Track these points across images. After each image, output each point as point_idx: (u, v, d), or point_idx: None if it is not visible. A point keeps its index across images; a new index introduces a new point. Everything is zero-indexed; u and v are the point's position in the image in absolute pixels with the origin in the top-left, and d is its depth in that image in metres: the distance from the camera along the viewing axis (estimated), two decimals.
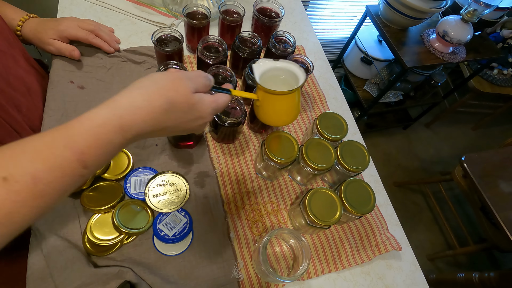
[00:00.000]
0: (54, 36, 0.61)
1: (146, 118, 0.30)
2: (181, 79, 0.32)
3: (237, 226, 0.57)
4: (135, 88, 0.30)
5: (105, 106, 0.29)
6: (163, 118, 0.31)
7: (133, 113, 0.29)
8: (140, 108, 0.29)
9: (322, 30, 1.80)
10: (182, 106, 0.32)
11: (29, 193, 0.25)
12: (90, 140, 0.27)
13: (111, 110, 0.29)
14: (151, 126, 0.31)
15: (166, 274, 0.49)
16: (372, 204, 0.54)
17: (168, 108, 0.31)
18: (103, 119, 0.28)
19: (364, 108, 1.62)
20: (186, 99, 0.32)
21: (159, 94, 0.30)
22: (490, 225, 1.27)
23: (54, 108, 0.59)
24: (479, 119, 2.16)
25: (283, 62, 0.45)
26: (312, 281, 0.56)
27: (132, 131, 0.29)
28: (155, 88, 0.31)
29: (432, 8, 1.12)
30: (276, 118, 0.45)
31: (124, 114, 0.29)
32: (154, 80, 0.31)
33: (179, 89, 0.32)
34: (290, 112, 0.45)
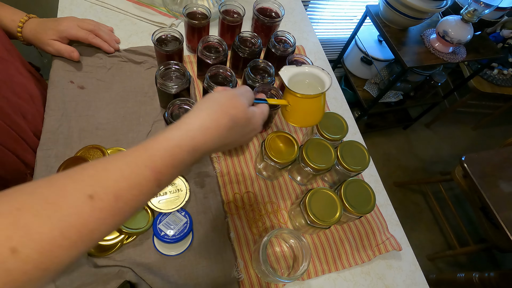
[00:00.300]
0: (54, 37, 0.61)
1: (214, 137, 0.32)
2: (237, 96, 0.35)
3: (237, 226, 0.57)
4: (201, 110, 0.33)
5: (178, 128, 0.31)
6: (227, 134, 0.33)
7: (204, 133, 0.31)
8: (209, 128, 0.32)
9: (322, 30, 1.80)
10: (242, 122, 0.35)
11: (110, 210, 0.26)
12: (168, 160, 0.29)
13: (185, 132, 0.31)
14: (217, 144, 0.33)
15: (166, 274, 0.49)
16: (372, 204, 0.54)
17: (232, 125, 0.33)
18: (179, 140, 0.30)
19: (364, 108, 1.62)
20: (245, 114, 0.35)
21: (223, 113, 0.33)
22: (490, 225, 1.27)
23: (54, 108, 0.59)
24: (479, 119, 2.16)
25: (309, 67, 0.49)
26: (312, 281, 0.56)
27: (202, 150, 0.32)
28: (218, 107, 0.33)
29: (432, 8, 1.12)
30: (306, 119, 0.49)
31: (196, 135, 0.31)
32: (215, 100, 0.34)
33: (238, 106, 0.34)
34: (319, 112, 0.48)
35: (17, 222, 0.22)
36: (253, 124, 0.37)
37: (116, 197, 0.26)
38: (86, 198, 0.25)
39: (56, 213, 0.23)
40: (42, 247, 0.22)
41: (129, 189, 0.27)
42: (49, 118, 0.58)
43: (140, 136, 0.60)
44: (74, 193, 0.25)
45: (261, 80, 0.61)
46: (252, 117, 0.36)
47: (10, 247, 0.21)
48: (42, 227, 0.23)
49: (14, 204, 0.23)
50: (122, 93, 0.64)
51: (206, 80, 0.59)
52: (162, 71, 0.57)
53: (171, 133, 0.31)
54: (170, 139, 0.30)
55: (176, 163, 0.30)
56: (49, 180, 0.25)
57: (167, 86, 0.56)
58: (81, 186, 0.25)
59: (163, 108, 0.64)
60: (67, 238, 0.23)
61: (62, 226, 0.23)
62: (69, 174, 0.26)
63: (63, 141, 0.56)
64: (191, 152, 0.31)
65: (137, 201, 0.28)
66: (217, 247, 0.53)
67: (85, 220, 0.24)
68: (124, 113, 0.62)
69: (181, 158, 0.30)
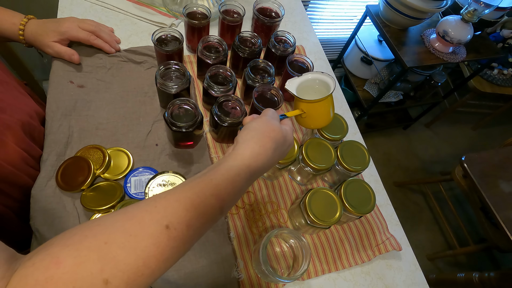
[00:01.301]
0: (55, 38, 0.60)
1: (264, 161, 0.36)
2: (271, 121, 0.40)
3: (237, 226, 0.57)
4: (248, 140, 0.37)
5: (234, 159, 0.35)
6: (273, 155, 0.38)
7: (256, 160, 0.36)
8: (259, 154, 0.36)
9: (322, 30, 1.80)
10: (281, 141, 0.39)
11: (182, 239, 0.28)
12: (230, 188, 0.32)
13: (241, 161, 0.35)
14: (267, 165, 0.37)
15: (166, 274, 0.49)
16: (372, 204, 0.54)
17: (275, 146, 0.38)
18: (238, 170, 0.34)
19: (364, 108, 1.62)
20: (281, 134, 0.39)
21: (267, 138, 0.37)
22: (490, 225, 1.27)
23: (54, 109, 0.59)
24: (479, 119, 2.16)
25: (311, 73, 0.53)
26: (312, 281, 0.56)
27: (256, 175, 0.36)
28: (261, 134, 0.38)
29: (432, 8, 1.12)
30: (323, 120, 0.52)
31: (251, 163, 0.35)
32: (255, 129, 0.38)
33: (275, 129, 0.39)
34: (332, 111, 0.52)
35: (106, 255, 0.24)
36: (289, 140, 0.42)
37: (188, 226, 0.28)
38: (163, 229, 0.27)
39: (138, 244, 0.25)
40: (129, 278, 0.24)
41: (198, 218, 0.29)
42: (49, 118, 0.58)
43: (140, 136, 0.60)
44: (151, 224, 0.27)
45: (261, 80, 0.61)
46: (287, 135, 0.41)
47: (103, 279, 0.23)
48: (128, 258, 0.25)
49: (101, 238, 0.25)
50: (122, 93, 0.64)
51: (206, 80, 0.59)
52: (162, 71, 0.57)
53: (229, 163, 0.34)
54: (230, 169, 0.34)
55: (236, 190, 0.33)
56: (125, 213, 0.28)
57: (167, 86, 0.56)
58: (158, 217, 0.27)
59: (163, 108, 0.64)
60: (148, 267, 0.25)
61: (144, 256, 0.25)
62: (144, 206, 0.28)
63: (63, 141, 0.56)
64: (248, 179, 0.34)
65: (203, 228, 0.30)
66: (217, 247, 0.53)
67: (163, 250, 0.26)
68: (124, 113, 0.62)
69: (240, 185, 0.33)
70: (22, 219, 0.52)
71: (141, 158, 0.58)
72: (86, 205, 0.50)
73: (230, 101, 0.58)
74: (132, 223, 0.27)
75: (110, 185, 0.54)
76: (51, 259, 0.23)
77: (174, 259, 0.28)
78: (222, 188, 0.32)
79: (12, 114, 0.51)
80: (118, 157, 0.57)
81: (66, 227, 0.50)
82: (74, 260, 0.23)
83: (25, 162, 0.52)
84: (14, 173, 0.49)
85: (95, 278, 0.23)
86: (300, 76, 0.52)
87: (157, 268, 0.26)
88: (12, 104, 0.52)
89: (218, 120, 0.56)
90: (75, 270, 0.23)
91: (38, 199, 0.50)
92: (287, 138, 0.41)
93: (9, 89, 0.54)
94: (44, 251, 0.24)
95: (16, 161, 0.50)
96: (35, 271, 0.23)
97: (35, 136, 0.56)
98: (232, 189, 0.33)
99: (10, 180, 0.49)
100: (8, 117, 0.49)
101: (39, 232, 0.48)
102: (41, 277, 0.22)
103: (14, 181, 0.50)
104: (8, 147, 0.48)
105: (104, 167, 0.54)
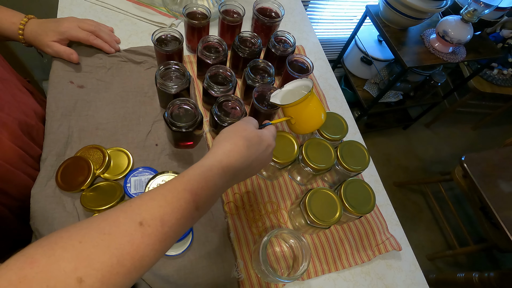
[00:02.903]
0: (54, 38, 0.60)
1: (237, 157, 0.37)
2: (243, 123, 0.42)
3: (237, 226, 0.57)
4: (221, 141, 0.39)
5: (207, 157, 0.36)
6: (247, 153, 0.38)
7: (228, 156, 0.37)
8: (231, 150, 0.37)
9: (322, 30, 1.80)
10: (255, 140, 0.40)
11: (158, 235, 0.28)
12: (202, 182, 0.33)
13: (213, 157, 0.36)
14: (242, 163, 0.38)
15: (166, 274, 0.49)
16: (372, 204, 0.54)
17: (248, 144, 0.39)
18: (209, 165, 0.35)
19: (364, 108, 1.62)
20: (255, 133, 0.41)
21: (238, 136, 0.39)
22: (490, 225, 1.27)
23: (54, 109, 0.59)
24: (479, 119, 2.16)
25: (289, 84, 0.53)
26: (312, 281, 0.56)
27: (230, 171, 0.36)
28: (233, 134, 0.39)
29: (432, 8, 1.12)
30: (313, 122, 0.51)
31: (222, 158, 0.36)
32: (228, 130, 0.40)
33: (247, 128, 0.41)
34: (321, 111, 0.51)
35: (80, 254, 0.24)
36: (266, 140, 0.42)
37: (162, 222, 0.28)
38: (136, 226, 0.27)
39: (112, 242, 0.26)
40: (103, 276, 0.24)
41: (172, 213, 0.29)
42: (49, 118, 0.58)
43: (140, 136, 0.60)
44: (125, 222, 0.27)
45: (261, 80, 0.61)
46: (262, 135, 0.42)
47: (76, 278, 0.23)
48: (102, 256, 0.25)
49: (76, 238, 0.25)
50: (122, 93, 0.64)
51: (206, 80, 0.59)
52: (162, 71, 0.57)
53: (202, 161, 0.36)
54: (202, 165, 0.35)
55: (209, 184, 0.33)
56: (102, 214, 0.28)
57: (167, 86, 0.56)
58: (131, 215, 0.28)
59: (163, 108, 0.64)
60: (123, 265, 0.25)
61: (118, 254, 0.25)
62: (120, 207, 0.29)
63: (63, 141, 0.56)
64: (221, 174, 0.35)
65: (179, 224, 0.30)
66: (217, 247, 0.53)
67: (137, 247, 0.27)
68: (124, 113, 0.62)
69: (213, 180, 0.34)
70: (21, 218, 0.52)
71: (141, 158, 0.58)
72: (86, 205, 0.50)
73: (230, 101, 0.58)
74: (107, 222, 0.27)
75: (110, 185, 0.54)
76: (25, 259, 0.23)
77: (150, 257, 0.28)
78: (194, 182, 0.32)
79: (9, 112, 0.50)
80: (118, 157, 0.57)
81: None
82: (48, 259, 0.23)
83: (22, 160, 0.52)
84: (11, 171, 0.49)
85: (68, 277, 0.23)
86: (282, 88, 0.54)
87: (133, 267, 0.26)
88: (9, 102, 0.52)
89: (218, 120, 0.56)
90: (48, 269, 0.23)
91: (38, 199, 0.50)
92: (263, 138, 0.42)
93: (9, 86, 0.53)
94: (20, 254, 0.24)
95: (13, 159, 0.49)
96: (8, 272, 0.23)
97: (33, 135, 0.56)
98: (205, 184, 0.33)
99: (7, 178, 0.49)
100: (5, 115, 0.49)
101: (39, 232, 0.48)
102: (14, 277, 0.22)
103: (11, 179, 0.50)
104: (3, 145, 0.48)
105: (104, 167, 0.54)
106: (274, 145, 0.44)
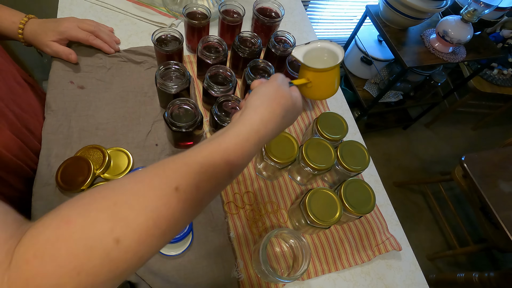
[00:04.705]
0: (54, 38, 0.60)
1: (274, 127, 0.36)
2: (280, 86, 0.39)
3: (237, 226, 0.57)
4: (257, 106, 0.36)
5: (243, 124, 0.34)
6: (282, 121, 0.37)
7: (265, 126, 0.35)
8: (269, 120, 0.36)
9: (322, 30, 1.80)
10: (291, 108, 0.39)
11: (192, 201, 0.28)
12: (239, 152, 0.32)
13: (250, 127, 0.34)
14: (276, 132, 0.37)
15: (166, 274, 0.49)
16: (372, 204, 0.54)
17: (284, 113, 0.37)
18: (247, 135, 0.33)
19: (364, 108, 1.62)
20: (291, 101, 0.39)
21: (277, 104, 0.37)
22: (490, 225, 1.27)
23: (54, 109, 0.59)
24: (479, 119, 2.16)
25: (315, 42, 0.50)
26: (312, 281, 0.56)
27: (264, 140, 0.35)
28: (271, 100, 0.37)
29: (432, 8, 1.12)
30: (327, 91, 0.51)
31: (260, 128, 0.35)
32: (265, 94, 0.38)
33: (285, 95, 0.38)
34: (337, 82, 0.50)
35: (116, 215, 0.24)
36: (298, 107, 0.41)
37: (197, 189, 0.28)
38: (172, 190, 0.27)
39: (148, 205, 0.26)
40: (139, 237, 0.24)
41: (208, 180, 0.29)
42: (49, 118, 0.58)
43: (140, 136, 0.60)
44: (161, 186, 0.27)
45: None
46: (296, 101, 0.41)
47: (114, 238, 0.23)
48: (139, 218, 0.25)
49: (110, 199, 0.25)
50: (122, 93, 0.64)
51: (206, 80, 0.59)
52: (162, 71, 0.57)
53: (239, 129, 0.34)
54: (240, 134, 0.33)
55: (245, 154, 0.33)
56: (133, 177, 0.28)
57: (167, 86, 0.56)
58: (166, 180, 0.27)
59: (163, 108, 0.64)
60: (158, 227, 0.26)
61: (155, 216, 0.25)
62: (152, 170, 0.28)
63: (63, 141, 0.56)
64: (257, 144, 0.34)
65: (213, 191, 0.31)
66: (217, 247, 0.53)
67: (173, 211, 0.27)
68: (124, 113, 0.62)
69: (249, 150, 0.33)
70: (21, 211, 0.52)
71: (141, 158, 0.58)
72: None
73: (230, 101, 0.58)
74: (141, 185, 0.27)
75: None
76: (61, 218, 0.24)
77: (183, 221, 0.28)
78: (231, 152, 0.32)
79: (7, 103, 0.50)
80: (118, 157, 0.57)
81: None
82: (84, 220, 0.24)
83: (23, 151, 0.51)
84: (12, 161, 0.49)
85: (106, 237, 0.23)
86: (308, 44, 0.50)
87: (168, 230, 0.26)
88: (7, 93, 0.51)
89: (218, 120, 0.56)
90: (85, 230, 0.23)
91: (38, 199, 0.50)
92: (297, 105, 0.41)
93: (7, 78, 0.53)
94: (54, 214, 0.24)
95: (13, 148, 0.49)
96: (46, 230, 0.23)
97: (31, 128, 0.56)
98: (241, 154, 0.33)
99: (7, 167, 0.48)
100: (4, 105, 0.49)
101: None
102: (52, 235, 0.23)
103: (13, 169, 0.49)
104: (3, 134, 0.47)
105: (104, 167, 0.54)
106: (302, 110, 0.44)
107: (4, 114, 0.49)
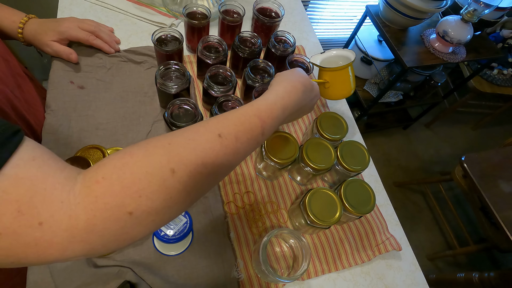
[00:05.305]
0: (54, 38, 0.60)
1: (295, 98, 0.42)
2: (300, 71, 0.47)
3: (237, 226, 0.57)
4: (281, 81, 0.43)
5: (270, 93, 0.41)
6: (302, 97, 0.43)
7: (289, 95, 0.41)
8: (290, 91, 0.42)
9: (322, 30, 1.80)
10: (309, 87, 0.45)
11: (233, 148, 0.32)
12: (269, 112, 0.37)
13: (275, 94, 0.40)
14: (296, 104, 0.42)
15: (166, 274, 0.49)
16: (372, 204, 0.54)
17: (304, 89, 0.43)
18: (274, 100, 0.39)
19: (364, 108, 1.62)
20: (309, 81, 0.46)
21: (296, 81, 0.43)
22: (490, 225, 1.27)
23: (54, 109, 0.59)
24: (479, 119, 2.16)
25: (330, 51, 0.58)
26: (312, 281, 0.56)
27: (288, 109, 0.41)
28: (292, 78, 0.44)
29: (432, 8, 1.12)
30: (345, 90, 0.56)
31: (284, 96, 0.40)
32: (286, 74, 0.45)
33: (304, 75, 0.46)
34: (353, 82, 0.56)
35: (171, 151, 0.28)
36: (315, 90, 0.48)
37: (236, 138, 0.33)
38: (216, 136, 0.31)
39: (198, 146, 0.30)
40: (190, 172, 0.28)
41: (245, 132, 0.34)
42: (49, 118, 0.58)
43: (140, 136, 0.60)
44: (206, 133, 0.31)
45: (261, 80, 0.61)
46: (314, 86, 0.47)
47: (170, 168, 0.27)
48: (190, 156, 0.29)
49: (164, 141, 0.29)
50: (122, 93, 0.64)
51: (206, 80, 0.59)
52: (162, 71, 0.57)
53: (266, 96, 0.40)
54: (268, 99, 0.39)
55: (274, 115, 0.38)
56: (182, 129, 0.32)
57: (167, 86, 0.56)
58: (210, 128, 0.32)
59: (163, 108, 0.64)
60: (206, 167, 0.30)
61: (203, 156, 0.29)
62: (197, 124, 0.33)
63: (63, 141, 0.56)
64: (282, 109, 0.39)
65: (249, 144, 0.34)
66: (217, 247, 0.53)
67: (217, 153, 0.31)
68: (124, 113, 0.62)
69: (276, 113, 0.38)
70: None
71: None
72: None
73: (230, 101, 0.58)
74: (190, 132, 0.31)
75: None
76: (124, 151, 0.28)
77: (225, 167, 0.32)
78: (262, 111, 0.37)
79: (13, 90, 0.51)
80: None
81: None
82: (144, 152, 0.28)
83: None
84: None
85: (163, 167, 0.27)
86: (323, 53, 0.57)
87: (212, 171, 0.30)
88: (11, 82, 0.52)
89: None
90: (146, 160, 0.27)
91: None
92: (314, 88, 0.47)
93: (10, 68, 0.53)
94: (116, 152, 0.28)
95: None
96: (112, 160, 0.27)
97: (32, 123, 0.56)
98: (271, 113, 0.37)
99: None
100: (10, 92, 0.50)
101: None
102: (118, 162, 0.26)
103: None
104: (10, 120, 0.48)
105: None
106: (318, 96, 0.50)
107: (9, 100, 0.49)
